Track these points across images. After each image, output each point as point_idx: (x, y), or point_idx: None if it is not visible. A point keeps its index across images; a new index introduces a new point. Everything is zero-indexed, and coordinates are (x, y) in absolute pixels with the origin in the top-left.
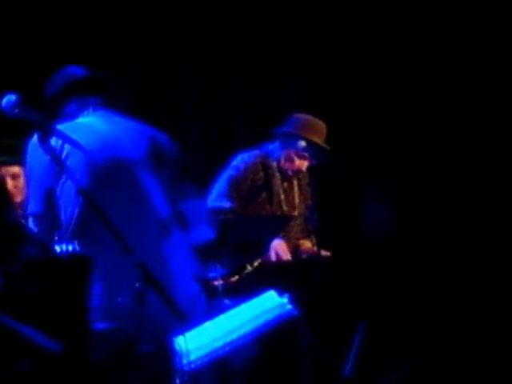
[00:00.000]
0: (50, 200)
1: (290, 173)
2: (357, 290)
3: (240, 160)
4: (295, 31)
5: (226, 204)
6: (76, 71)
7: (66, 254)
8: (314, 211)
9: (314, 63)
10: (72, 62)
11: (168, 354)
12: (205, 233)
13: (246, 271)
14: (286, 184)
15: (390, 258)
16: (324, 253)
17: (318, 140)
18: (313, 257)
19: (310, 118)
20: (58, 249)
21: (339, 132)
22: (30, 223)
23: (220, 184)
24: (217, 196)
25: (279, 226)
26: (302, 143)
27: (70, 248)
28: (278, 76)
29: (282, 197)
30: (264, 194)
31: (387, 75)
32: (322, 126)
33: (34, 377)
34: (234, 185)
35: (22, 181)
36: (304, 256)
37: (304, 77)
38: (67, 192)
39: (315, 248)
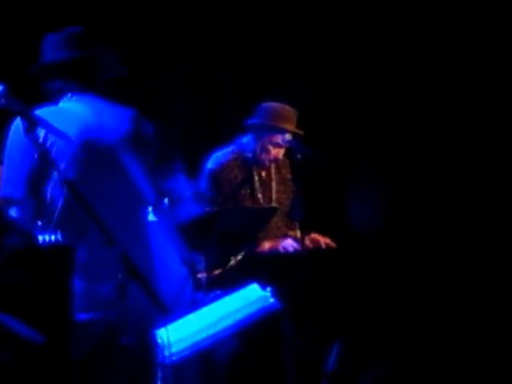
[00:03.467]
0: (32, 186)
1: (266, 162)
2: (341, 284)
3: (215, 160)
4: (285, 31)
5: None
6: (68, 52)
7: (48, 244)
8: (299, 205)
9: (305, 63)
10: None
11: (150, 347)
12: (191, 209)
13: (230, 264)
14: (264, 174)
15: (376, 252)
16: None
17: (290, 127)
18: (297, 251)
19: (279, 105)
20: (40, 239)
21: (327, 127)
22: (10, 209)
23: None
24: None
25: (264, 218)
26: (288, 136)
27: (53, 238)
28: (267, 74)
29: (259, 189)
30: (243, 191)
31: (375, 74)
32: (291, 112)
33: (14, 367)
34: (215, 190)
35: None
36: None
37: (293, 75)
38: (52, 182)
39: (300, 239)
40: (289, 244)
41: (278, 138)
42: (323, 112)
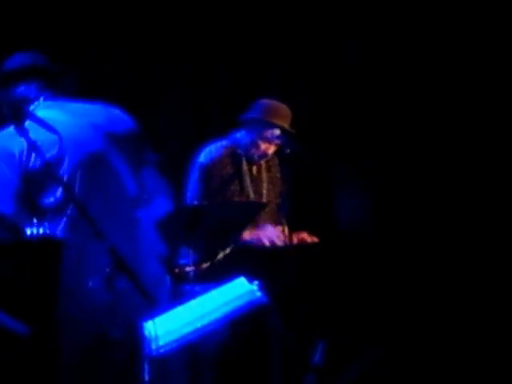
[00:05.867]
0: (21, 196)
1: (255, 157)
2: (328, 279)
3: (207, 155)
4: (285, 31)
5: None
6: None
7: (36, 237)
8: (287, 200)
9: (305, 63)
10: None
11: (137, 339)
12: (163, 205)
13: (218, 258)
14: (254, 170)
15: (363, 247)
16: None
17: (283, 124)
18: (285, 245)
19: (274, 102)
20: (28, 232)
21: (326, 127)
22: None
23: (191, 185)
24: (192, 198)
25: (251, 212)
26: (276, 131)
27: (41, 231)
28: (267, 74)
29: (250, 185)
30: (233, 186)
31: (375, 74)
32: (286, 110)
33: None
34: (205, 184)
35: None
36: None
37: (293, 75)
38: (41, 177)
39: (287, 235)
40: (272, 234)
41: (268, 134)
42: (323, 112)
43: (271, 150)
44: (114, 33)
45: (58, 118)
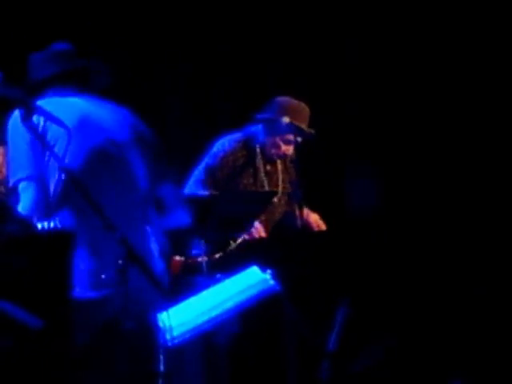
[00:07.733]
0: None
1: (275, 157)
2: (340, 266)
3: (220, 147)
4: (285, 31)
5: (202, 191)
6: (62, 61)
7: (47, 231)
8: (298, 187)
9: (305, 63)
10: None
11: (151, 330)
12: (181, 218)
13: (230, 247)
14: (269, 167)
15: (374, 234)
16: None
17: (302, 124)
18: (296, 233)
19: (293, 101)
20: (39, 226)
21: (327, 127)
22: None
23: (197, 171)
24: (193, 183)
25: (263, 201)
26: (286, 119)
27: (52, 225)
28: (267, 74)
29: (265, 180)
30: (246, 180)
31: (375, 74)
32: (305, 108)
33: (14, 354)
34: (211, 173)
35: (0, 159)
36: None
37: (293, 75)
38: (50, 169)
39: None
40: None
41: (291, 136)
42: (323, 112)
43: (291, 150)
44: (114, 33)
45: (81, 104)
